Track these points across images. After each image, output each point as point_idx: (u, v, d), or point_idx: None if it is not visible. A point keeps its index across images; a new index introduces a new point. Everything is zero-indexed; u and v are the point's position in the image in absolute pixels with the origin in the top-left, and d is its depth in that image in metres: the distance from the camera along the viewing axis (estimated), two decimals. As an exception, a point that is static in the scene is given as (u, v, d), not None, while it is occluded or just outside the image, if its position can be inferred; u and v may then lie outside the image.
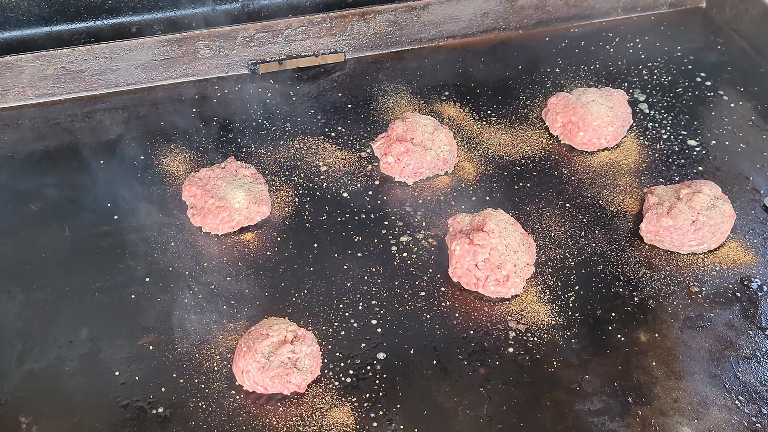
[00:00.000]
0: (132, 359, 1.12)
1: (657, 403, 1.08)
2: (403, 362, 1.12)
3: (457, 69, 1.63)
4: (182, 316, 1.17)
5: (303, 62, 1.62)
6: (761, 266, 1.26)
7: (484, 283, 1.20)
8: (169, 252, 1.26)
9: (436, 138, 1.39)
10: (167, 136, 1.46)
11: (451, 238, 1.24)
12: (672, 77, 1.62)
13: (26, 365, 1.11)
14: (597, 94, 1.46)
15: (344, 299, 1.20)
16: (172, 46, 1.54)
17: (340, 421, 1.05)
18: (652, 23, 1.76)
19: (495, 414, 1.07)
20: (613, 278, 1.24)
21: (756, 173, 1.42)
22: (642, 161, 1.44)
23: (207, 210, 1.28)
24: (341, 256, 1.27)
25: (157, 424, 1.05)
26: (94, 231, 1.29)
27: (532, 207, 1.35)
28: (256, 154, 1.43)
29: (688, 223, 1.25)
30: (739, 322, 1.18)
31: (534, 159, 1.44)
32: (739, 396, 1.09)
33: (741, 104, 1.56)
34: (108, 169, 1.39)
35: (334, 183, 1.38)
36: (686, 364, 1.13)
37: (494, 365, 1.12)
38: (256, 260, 1.26)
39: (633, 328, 1.17)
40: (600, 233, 1.31)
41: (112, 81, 1.54)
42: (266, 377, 1.07)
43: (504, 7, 1.69)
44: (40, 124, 1.48)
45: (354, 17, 1.61)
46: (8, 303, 1.19)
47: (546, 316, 1.18)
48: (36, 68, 1.49)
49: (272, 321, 1.12)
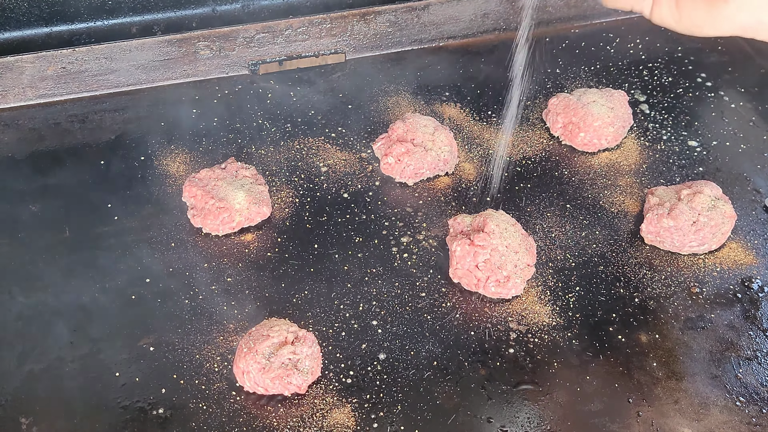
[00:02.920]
0: (132, 360, 1.12)
1: (658, 404, 1.08)
2: (403, 363, 1.12)
3: (458, 69, 1.63)
4: (182, 317, 1.17)
5: (303, 63, 1.61)
6: (762, 267, 1.26)
7: (484, 284, 1.20)
8: (169, 253, 1.26)
9: (437, 138, 1.39)
10: (167, 137, 1.46)
11: (452, 238, 1.24)
12: (672, 78, 1.62)
13: (26, 366, 1.11)
14: (598, 95, 1.46)
15: (345, 300, 1.20)
16: (173, 47, 1.54)
17: (341, 422, 1.05)
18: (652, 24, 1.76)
19: (495, 414, 1.07)
20: (613, 279, 1.24)
21: (757, 174, 1.42)
22: (643, 162, 1.44)
23: (207, 211, 1.28)
24: (342, 256, 1.26)
25: (157, 425, 1.05)
26: (94, 231, 1.29)
27: (532, 208, 1.35)
28: (257, 154, 1.43)
29: (689, 223, 1.25)
30: (739, 322, 1.18)
31: (535, 159, 1.44)
32: (740, 397, 1.09)
33: (741, 105, 1.56)
34: (108, 170, 1.39)
35: (334, 184, 1.38)
36: (687, 364, 1.13)
37: (495, 366, 1.12)
38: (256, 261, 1.26)
39: (634, 329, 1.17)
40: (601, 234, 1.31)
41: (113, 81, 1.54)
42: (267, 378, 1.06)
43: (504, 7, 1.69)
44: (40, 124, 1.48)
45: (354, 18, 1.61)
46: (8, 303, 1.19)
47: (547, 316, 1.18)
48: (36, 69, 1.49)
49: (273, 322, 1.12)
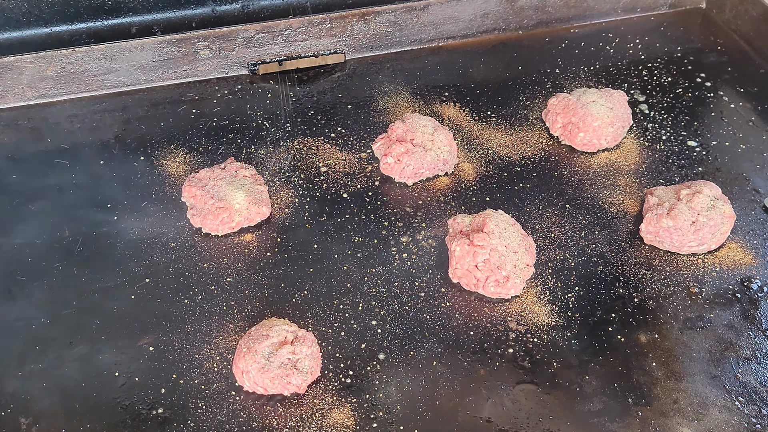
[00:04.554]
0: (132, 360, 1.12)
1: (657, 404, 1.08)
2: (403, 363, 1.12)
3: (457, 70, 1.63)
4: (182, 317, 1.17)
5: (303, 63, 1.61)
6: (761, 267, 1.26)
7: (484, 284, 1.20)
8: (169, 253, 1.26)
9: (436, 139, 1.39)
10: (167, 137, 1.46)
11: (451, 238, 1.24)
12: (672, 78, 1.62)
13: (26, 365, 1.11)
14: (597, 95, 1.46)
15: (344, 300, 1.20)
16: (172, 47, 1.54)
17: (340, 421, 1.05)
18: (652, 24, 1.76)
19: (495, 415, 1.07)
20: (613, 279, 1.24)
21: (756, 174, 1.42)
22: (642, 162, 1.44)
23: (207, 211, 1.28)
24: (341, 256, 1.27)
25: (156, 424, 1.05)
26: (94, 231, 1.29)
27: (532, 208, 1.35)
28: (256, 154, 1.43)
29: (688, 223, 1.25)
30: (739, 322, 1.18)
31: (534, 160, 1.44)
32: (739, 397, 1.09)
33: (741, 105, 1.56)
34: (108, 170, 1.39)
35: (334, 184, 1.38)
36: (686, 364, 1.13)
37: (494, 366, 1.12)
38: (256, 261, 1.26)
39: (633, 329, 1.17)
40: (600, 234, 1.31)
41: (112, 82, 1.54)
42: (266, 378, 1.06)
43: (504, 7, 1.69)
44: (40, 124, 1.48)
45: (354, 18, 1.61)
46: (8, 303, 1.19)
47: (546, 316, 1.18)
48: (36, 69, 1.49)
49: (272, 322, 1.12)
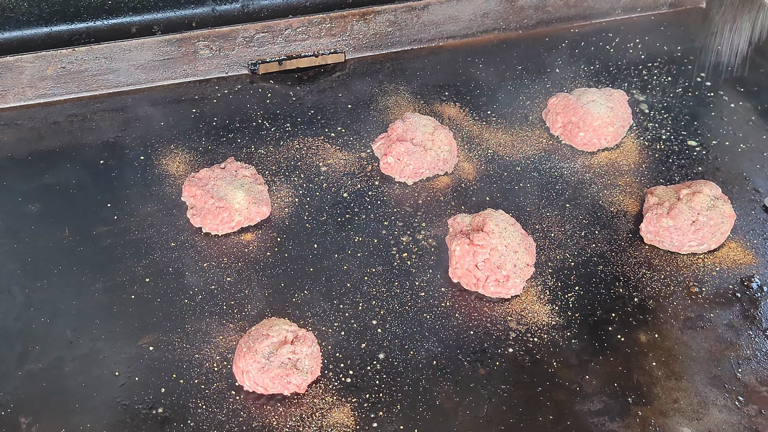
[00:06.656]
0: (132, 360, 1.12)
1: (657, 404, 1.08)
2: (403, 363, 1.12)
3: (457, 69, 1.63)
4: (182, 317, 1.17)
5: (303, 62, 1.61)
6: (761, 266, 1.26)
7: (484, 284, 1.20)
8: (169, 252, 1.26)
9: (436, 138, 1.39)
10: (167, 137, 1.46)
11: (451, 238, 1.24)
12: (672, 77, 1.62)
13: (26, 365, 1.11)
14: (597, 95, 1.46)
15: (344, 299, 1.20)
16: (172, 47, 1.54)
17: (340, 421, 1.05)
18: (652, 23, 1.76)
19: (495, 414, 1.07)
20: (613, 279, 1.24)
21: (756, 173, 1.42)
22: (642, 161, 1.44)
23: (207, 210, 1.28)
24: (341, 256, 1.27)
25: (156, 424, 1.05)
26: (94, 231, 1.29)
27: (532, 207, 1.35)
28: (256, 154, 1.43)
29: (688, 223, 1.25)
30: (739, 322, 1.18)
31: (534, 159, 1.44)
32: (739, 396, 1.09)
33: (741, 104, 1.56)
34: (108, 170, 1.39)
35: (334, 183, 1.38)
36: (686, 364, 1.13)
37: (494, 365, 1.12)
38: (256, 260, 1.26)
39: (633, 329, 1.17)
40: (600, 233, 1.31)
41: (112, 81, 1.54)
42: (266, 378, 1.06)
43: (504, 7, 1.69)
44: (40, 124, 1.48)
45: (354, 17, 1.61)
46: (8, 303, 1.19)
47: (546, 316, 1.18)
48: (36, 68, 1.49)
49: (272, 321, 1.12)
